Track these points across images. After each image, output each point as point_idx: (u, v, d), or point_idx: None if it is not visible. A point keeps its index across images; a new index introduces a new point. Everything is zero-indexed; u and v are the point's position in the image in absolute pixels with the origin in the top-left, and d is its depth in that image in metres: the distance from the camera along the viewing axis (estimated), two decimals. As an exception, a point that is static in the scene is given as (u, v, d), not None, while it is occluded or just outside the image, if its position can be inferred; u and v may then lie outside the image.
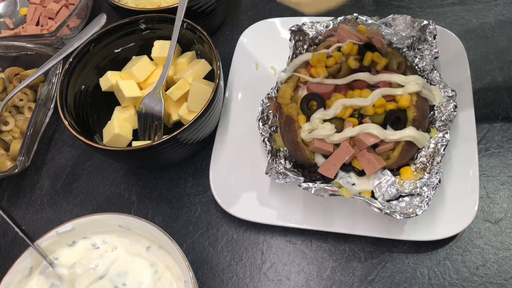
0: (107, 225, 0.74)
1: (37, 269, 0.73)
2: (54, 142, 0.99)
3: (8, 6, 1.17)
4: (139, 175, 0.91)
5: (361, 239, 0.78)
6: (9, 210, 0.90)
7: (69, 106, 0.85)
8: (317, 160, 0.77)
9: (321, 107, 0.76)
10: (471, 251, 0.75)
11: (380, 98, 0.73)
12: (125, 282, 0.72)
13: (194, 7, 0.93)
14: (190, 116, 0.86)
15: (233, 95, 0.94)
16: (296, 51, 0.88)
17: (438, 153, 0.73)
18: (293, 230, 0.80)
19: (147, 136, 0.86)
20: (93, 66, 0.91)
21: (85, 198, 0.90)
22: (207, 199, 0.86)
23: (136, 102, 0.89)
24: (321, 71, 0.78)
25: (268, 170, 0.77)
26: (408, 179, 0.73)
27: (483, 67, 0.92)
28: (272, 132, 0.83)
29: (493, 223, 0.77)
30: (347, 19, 0.88)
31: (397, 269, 0.75)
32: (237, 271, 0.79)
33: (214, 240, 0.82)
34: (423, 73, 0.83)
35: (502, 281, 0.72)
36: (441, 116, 0.77)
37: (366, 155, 0.73)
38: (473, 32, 0.97)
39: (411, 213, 0.69)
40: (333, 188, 0.74)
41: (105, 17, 0.91)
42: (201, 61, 0.89)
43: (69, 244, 0.75)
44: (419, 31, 0.85)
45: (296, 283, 0.77)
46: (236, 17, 1.10)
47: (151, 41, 0.91)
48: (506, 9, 1.00)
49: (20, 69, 1.01)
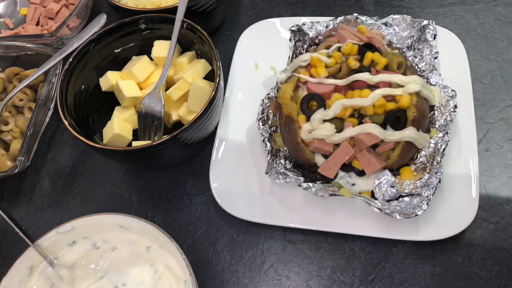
0: (107, 225, 0.74)
1: (37, 269, 0.73)
2: (54, 142, 0.99)
3: (8, 6, 1.17)
4: (139, 175, 0.91)
5: (361, 239, 0.78)
6: (9, 210, 0.90)
7: (69, 106, 0.85)
8: (317, 160, 0.77)
9: (321, 107, 0.76)
10: (471, 251, 0.75)
11: (380, 98, 0.73)
12: (125, 282, 0.72)
13: (194, 7, 0.93)
14: (190, 116, 0.86)
15: (233, 95, 0.94)
16: (296, 51, 0.88)
17: (438, 153, 0.73)
18: (293, 230, 0.80)
19: (147, 136, 0.86)
20: (93, 66, 0.91)
21: (85, 198, 0.90)
22: (207, 199, 0.86)
23: (136, 102, 0.89)
24: (321, 71, 0.78)
25: (268, 170, 0.77)
26: (408, 179, 0.73)
27: (483, 67, 0.92)
28: (272, 132, 0.83)
29: (493, 223, 0.77)
30: (347, 19, 0.88)
31: (397, 269, 0.75)
32: (237, 271, 0.79)
33: (214, 240, 0.82)
34: (423, 73, 0.83)
35: (502, 281, 0.72)
36: (441, 116, 0.77)
37: (366, 155, 0.73)
38: (473, 32, 0.98)
39: (411, 213, 0.69)
40: (333, 188, 0.74)
41: (105, 17, 0.91)
42: (201, 61, 0.89)
43: (69, 244, 0.75)
44: (419, 31, 0.85)
45: (296, 283, 0.77)
46: (236, 17, 1.10)
47: (151, 41, 0.91)
48: (506, 9, 1.00)
49: (20, 69, 1.01)
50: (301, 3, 1.09)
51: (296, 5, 1.09)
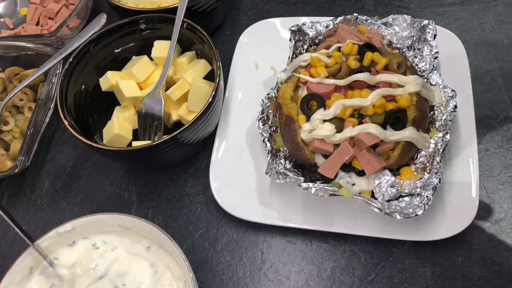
0: (107, 225, 0.74)
1: (37, 269, 0.73)
2: (54, 142, 0.99)
3: (8, 6, 1.17)
4: (139, 175, 0.91)
5: (361, 239, 0.78)
6: (9, 210, 0.90)
7: (69, 106, 0.85)
8: (317, 160, 0.77)
9: (321, 107, 0.76)
10: (471, 251, 0.75)
11: (380, 98, 0.73)
12: (125, 282, 0.72)
13: (194, 7, 0.93)
14: (190, 116, 0.86)
15: (233, 95, 0.94)
16: (296, 51, 0.88)
17: (438, 153, 0.73)
18: (293, 230, 0.80)
19: (147, 136, 0.86)
20: (93, 66, 0.91)
21: (85, 198, 0.90)
22: (207, 199, 0.86)
23: (136, 102, 0.89)
24: (321, 71, 0.78)
25: (268, 170, 0.77)
26: (408, 179, 0.73)
27: (483, 67, 0.92)
28: (272, 132, 0.83)
29: (493, 223, 0.77)
30: (347, 19, 0.88)
31: (397, 269, 0.75)
32: (237, 271, 0.79)
33: (214, 240, 0.82)
34: (423, 73, 0.83)
35: (502, 281, 0.72)
36: (441, 116, 0.77)
37: (366, 155, 0.73)
38: (473, 32, 0.98)
39: (411, 213, 0.69)
40: (333, 188, 0.74)
41: (105, 17, 0.91)
42: (201, 61, 0.89)
43: (69, 244, 0.75)
44: (419, 31, 0.85)
45: (296, 283, 0.77)
46: (236, 17, 1.10)
47: (151, 41, 0.91)
48: (506, 9, 1.00)
49: (20, 69, 1.01)
50: (301, 3, 1.09)
51: (296, 5, 1.09)
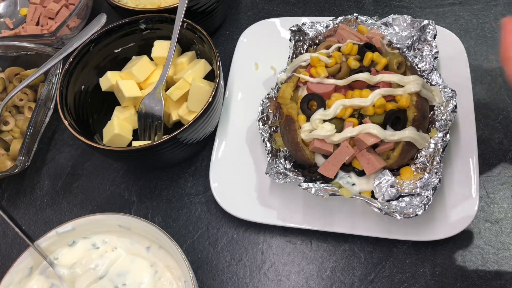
0: (107, 225, 0.74)
1: (37, 269, 0.73)
2: (54, 142, 0.99)
3: (8, 6, 1.17)
4: (139, 175, 0.91)
5: (361, 239, 0.78)
6: (9, 210, 0.90)
7: (69, 106, 0.85)
8: (317, 160, 0.77)
9: (321, 107, 0.76)
10: (471, 251, 0.75)
11: (380, 98, 0.73)
12: (125, 282, 0.72)
13: (194, 7, 0.93)
14: (190, 116, 0.86)
15: (233, 95, 0.94)
16: (296, 51, 0.88)
17: (438, 153, 0.73)
18: (293, 230, 0.80)
19: (147, 136, 0.86)
20: (93, 66, 0.91)
21: (85, 198, 0.90)
22: (207, 199, 0.86)
23: (136, 102, 0.89)
24: (321, 71, 0.78)
25: (268, 170, 0.77)
26: (408, 179, 0.73)
27: (483, 67, 0.92)
28: (272, 132, 0.83)
29: (493, 223, 0.77)
30: (347, 19, 0.88)
31: (397, 269, 0.75)
32: (237, 271, 0.79)
33: (214, 240, 0.82)
34: (423, 73, 0.83)
35: (502, 281, 0.72)
36: (441, 116, 0.77)
37: (366, 155, 0.73)
38: (473, 32, 0.98)
39: (411, 213, 0.69)
40: (333, 188, 0.73)
41: (105, 17, 0.91)
42: (201, 61, 0.89)
43: (69, 244, 0.75)
44: (419, 31, 0.85)
45: (296, 283, 0.77)
46: (236, 17, 1.10)
47: (151, 41, 0.91)
48: (506, 9, 1.00)
49: (20, 69, 1.01)
50: (301, 3, 1.09)
51: (296, 5, 1.09)
